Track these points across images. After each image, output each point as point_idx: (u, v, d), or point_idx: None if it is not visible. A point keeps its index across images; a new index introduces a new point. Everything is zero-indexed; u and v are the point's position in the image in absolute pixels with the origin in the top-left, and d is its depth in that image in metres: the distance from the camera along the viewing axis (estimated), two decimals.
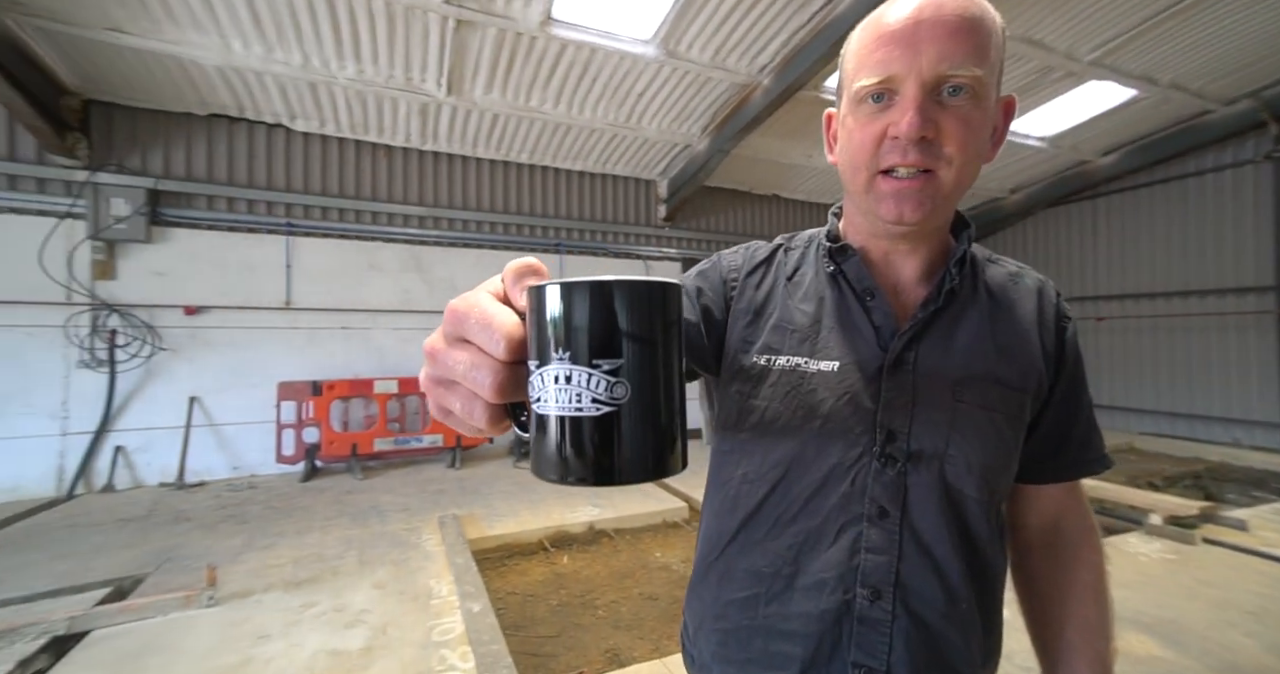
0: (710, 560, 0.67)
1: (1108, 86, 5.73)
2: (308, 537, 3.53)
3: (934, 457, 0.57)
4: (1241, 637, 2.38)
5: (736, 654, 0.62)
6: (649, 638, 2.61)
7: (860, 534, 0.58)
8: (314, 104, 5.10)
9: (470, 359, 0.29)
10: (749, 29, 4.44)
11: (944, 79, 0.51)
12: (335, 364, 5.48)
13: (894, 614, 0.56)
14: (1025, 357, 0.62)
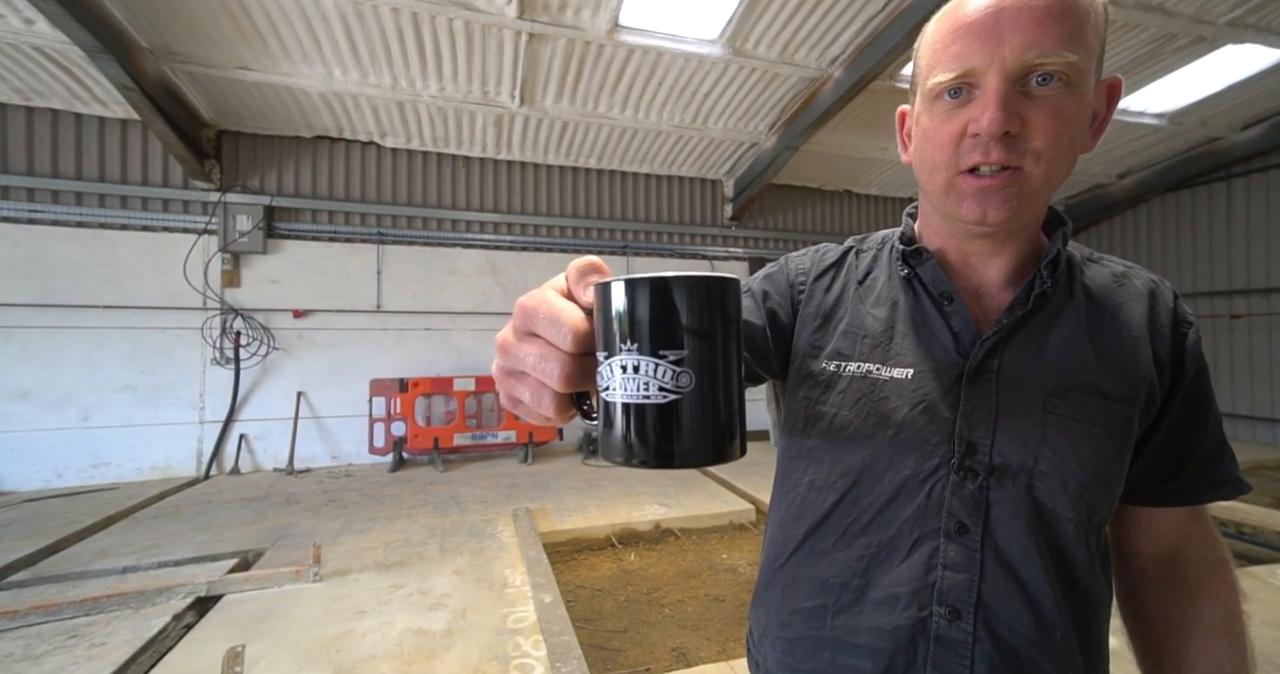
0: (776, 567, 0.66)
1: (1250, 50, 4.98)
2: (396, 523, 3.83)
3: (1021, 472, 0.54)
4: None
5: (803, 664, 0.61)
6: (715, 640, 2.60)
7: (937, 549, 0.55)
8: (401, 121, 5.51)
9: (539, 351, 0.32)
10: (819, 21, 4.29)
11: (1031, 68, 0.47)
12: (419, 363, 5.89)
13: (975, 636, 0.53)
14: (1132, 365, 0.56)
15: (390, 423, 5.61)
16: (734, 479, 4.90)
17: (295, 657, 2.19)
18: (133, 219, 5.11)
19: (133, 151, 5.15)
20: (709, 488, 4.75)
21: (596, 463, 5.57)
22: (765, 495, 4.37)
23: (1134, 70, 5.16)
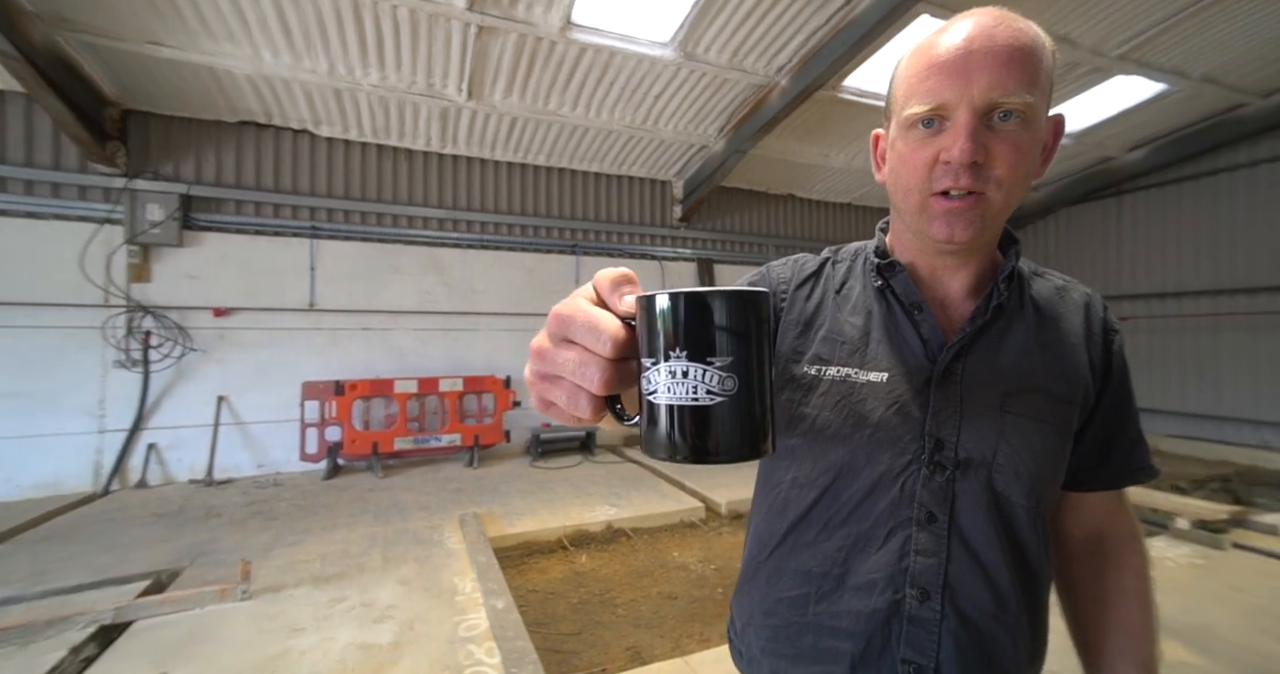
0: (760, 560, 0.69)
1: (1136, 81, 5.61)
2: (333, 533, 3.62)
3: (982, 465, 0.59)
4: (1275, 644, 2.34)
5: (786, 649, 0.64)
6: (669, 637, 2.64)
7: (909, 537, 0.60)
8: (338, 110, 5.21)
9: (578, 357, 0.33)
10: (767, 30, 4.44)
11: (995, 105, 0.52)
12: (356, 364, 5.59)
13: (942, 614, 0.58)
14: (1073, 369, 0.63)
15: (324, 428, 5.30)
16: (684, 478, 4.98)
17: None
18: (14, 205, 4.55)
19: (14, 128, 4.57)
20: (660, 487, 4.79)
21: (545, 465, 5.50)
22: (714, 494, 4.48)
23: None
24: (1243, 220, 6.76)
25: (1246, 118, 6.31)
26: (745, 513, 4.34)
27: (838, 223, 8.38)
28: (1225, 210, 6.91)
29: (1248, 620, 2.52)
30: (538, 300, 6.40)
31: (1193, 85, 5.72)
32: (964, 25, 0.54)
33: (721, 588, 3.16)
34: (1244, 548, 3.37)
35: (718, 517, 4.29)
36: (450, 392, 5.47)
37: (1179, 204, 7.30)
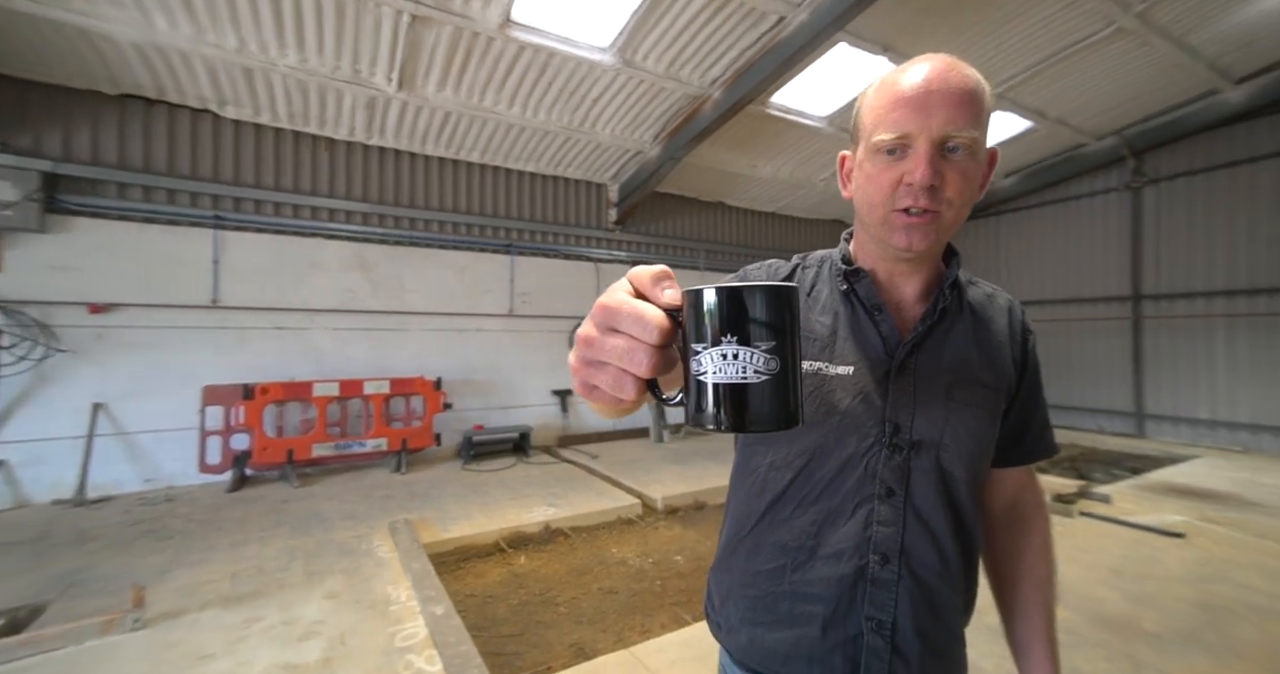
0: (739, 538, 0.76)
1: (1010, 117, 6.42)
2: (244, 549, 3.33)
3: (931, 445, 0.68)
4: (1108, 591, 2.79)
5: (764, 617, 0.72)
6: (612, 630, 2.68)
7: (872, 510, 0.68)
8: (248, 90, 4.79)
9: (625, 345, 0.36)
10: (703, 43, 4.63)
11: (948, 138, 0.61)
12: (268, 366, 5.16)
13: (900, 575, 0.67)
14: (1001, 363, 0.74)
15: (230, 435, 4.84)
16: (619, 476, 5.05)
17: None
18: None
19: None
20: (595, 486, 4.83)
21: (478, 467, 5.35)
22: (650, 490, 4.58)
23: None
24: (1086, 241, 7.94)
25: (1087, 155, 7.44)
26: (680, 508, 4.48)
27: (763, 231, 8.83)
28: (1073, 232, 8.07)
29: (1090, 574, 2.99)
30: (471, 300, 6.23)
31: (1050, 125, 6.65)
32: (923, 68, 0.63)
33: (660, 580, 3.25)
34: (1088, 515, 3.96)
35: (654, 512, 4.40)
36: (376, 394, 5.19)
37: (1041, 225, 8.43)
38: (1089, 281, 7.93)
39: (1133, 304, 7.46)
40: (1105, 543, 3.47)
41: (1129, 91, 6.18)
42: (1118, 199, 7.60)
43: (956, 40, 5.04)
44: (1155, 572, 3.06)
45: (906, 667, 0.66)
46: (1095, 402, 7.85)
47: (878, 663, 0.66)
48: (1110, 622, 2.51)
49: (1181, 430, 7.08)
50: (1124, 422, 7.58)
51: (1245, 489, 4.73)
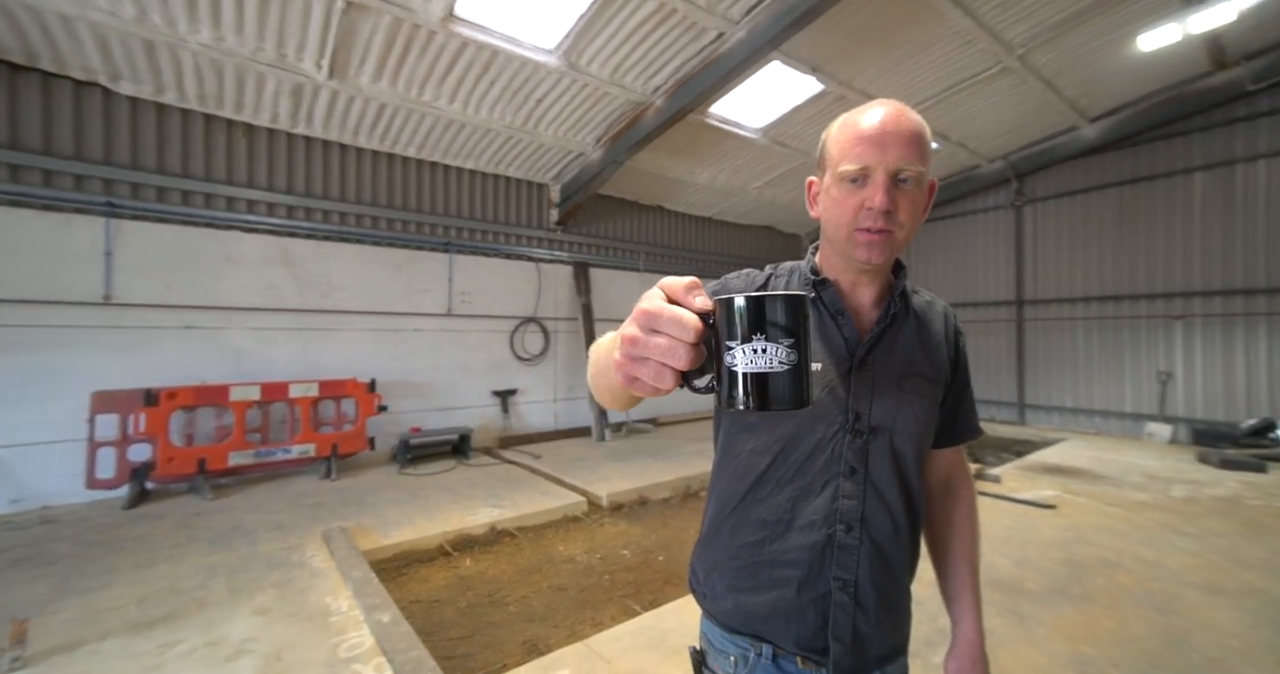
0: (724, 515, 0.87)
1: None
2: (151, 570, 3.06)
3: (886, 430, 0.80)
4: (998, 557, 3.21)
5: (747, 583, 0.83)
6: (564, 626, 2.74)
7: (838, 486, 0.80)
8: (149, 66, 4.37)
9: (667, 343, 0.44)
10: (646, 52, 4.77)
11: (900, 170, 0.73)
12: (175, 368, 4.72)
13: (861, 540, 0.79)
14: (939, 359, 0.87)
15: (127, 446, 4.39)
16: (563, 475, 5.08)
17: None
18: None
19: None
20: (539, 486, 4.83)
21: (415, 471, 5.18)
22: (595, 488, 4.66)
23: None
24: (979, 251, 8.93)
25: (981, 176, 8.38)
26: (625, 504, 4.60)
27: (699, 235, 9.14)
28: (969, 243, 9.05)
29: (985, 545, 3.39)
30: (407, 299, 6.00)
31: (952, 146, 7.42)
32: (879, 111, 0.75)
33: (608, 575, 3.34)
34: (983, 494, 4.50)
35: (599, 510, 4.48)
36: (303, 397, 4.89)
37: (943, 236, 9.37)
38: (981, 287, 8.92)
39: (1017, 308, 8.47)
40: (996, 517, 3.97)
41: (1012, 122, 7.03)
42: (1005, 215, 8.60)
43: (875, 67, 5.53)
44: (1034, 538, 3.54)
45: (866, 618, 0.80)
46: (987, 394, 8.83)
47: (843, 616, 0.79)
48: (1000, 584, 2.90)
49: (1053, 417, 8.12)
50: (1010, 411, 8.58)
51: (1098, 466, 5.54)
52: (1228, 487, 4.79)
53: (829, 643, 0.79)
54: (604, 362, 0.61)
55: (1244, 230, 6.53)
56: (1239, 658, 2.24)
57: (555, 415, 7.27)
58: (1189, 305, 6.94)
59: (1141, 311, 7.31)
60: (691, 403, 8.94)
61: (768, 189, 8.21)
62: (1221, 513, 4.07)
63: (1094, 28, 5.30)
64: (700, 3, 4.28)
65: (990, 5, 4.89)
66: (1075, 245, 7.87)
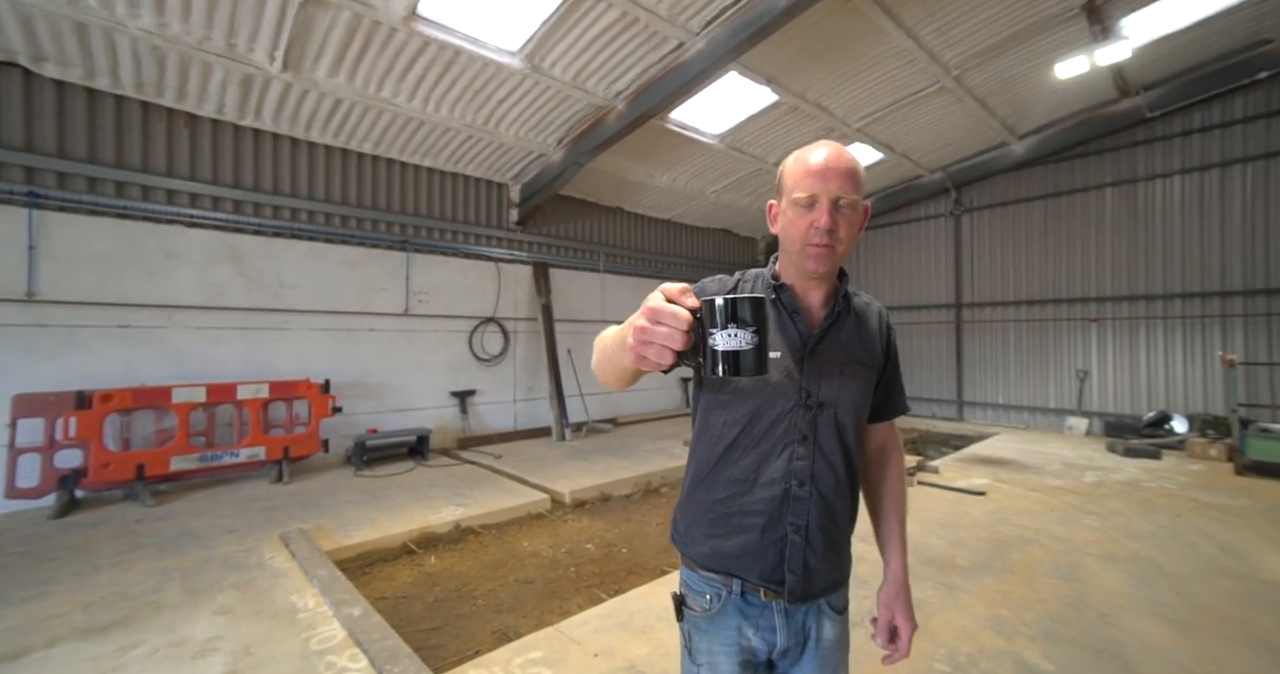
0: (701, 477, 1.05)
1: (865, 148, 7.54)
2: (95, 577, 2.92)
3: (831, 405, 0.99)
4: (934, 539, 3.52)
5: (720, 531, 1.00)
6: (532, 616, 2.81)
7: (794, 451, 0.97)
8: (80, 49, 4.12)
9: (667, 331, 0.62)
10: (609, 58, 4.89)
11: (840, 197, 0.92)
12: (109, 370, 4.46)
13: (810, 494, 0.97)
14: (874, 350, 1.06)
15: (54, 452, 4.12)
16: (525, 474, 5.12)
17: None
18: None
19: None
20: (502, 485, 4.86)
21: (373, 473, 5.08)
22: (558, 486, 4.73)
23: None
24: (921, 256, 9.53)
25: (923, 185, 8.96)
26: (587, 501, 4.70)
27: (658, 237, 9.32)
28: (913, 248, 9.65)
29: (923, 528, 3.73)
30: (362, 298, 5.87)
31: (896, 157, 7.91)
32: (823, 151, 0.94)
33: (574, 567, 3.44)
34: (924, 483, 4.87)
35: (562, 507, 4.55)
36: (252, 399, 4.72)
37: (891, 242, 9.95)
38: (924, 290, 9.52)
39: (956, 310, 9.10)
40: (934, 503, 4.31)
41: (951, 136, 7.58)
42: (945, 223, 9.22)
43: (826, 80, 5.85)
44: (965, 521, 3.89)
45: (814, 555, 0.97)
46: (929, 392, 9.43)
47: (796, 553, 0.96)
48: (935, 561, 3.18)
49: (988, 413, 8.77)
50: (949, 408, 9.20)
51: (1024, 456, 6.07)
52: (1129, 472, 5.36)
53: (785, 575, 0.96)
54: (611, 348, 0.83)
55: (1145, 242, 7.29)
56: (1123, 612, 2.58)
57: (515, 416, 7.26)
58: (1103, 309, 7.67)
59: (1064, 315, 8.01)
60: (648, 404, 9.11)
61: (725, 193, 8.48)
62: (1122, 495, 4.58)
63: (1018, 54, 5.82)
64: (662, 13, 4.44)
65: (929, 29, 5.29)
66: (1008, 252, 8.54)
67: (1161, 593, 2.79)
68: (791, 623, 0.99)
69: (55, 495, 4.05)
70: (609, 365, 0.87)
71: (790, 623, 0.99)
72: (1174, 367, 7.07)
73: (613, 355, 0.83)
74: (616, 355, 0.81)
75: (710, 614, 1.01)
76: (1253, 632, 2.43)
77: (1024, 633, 2.40)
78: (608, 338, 0.87)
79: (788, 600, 0.97)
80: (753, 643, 0.99)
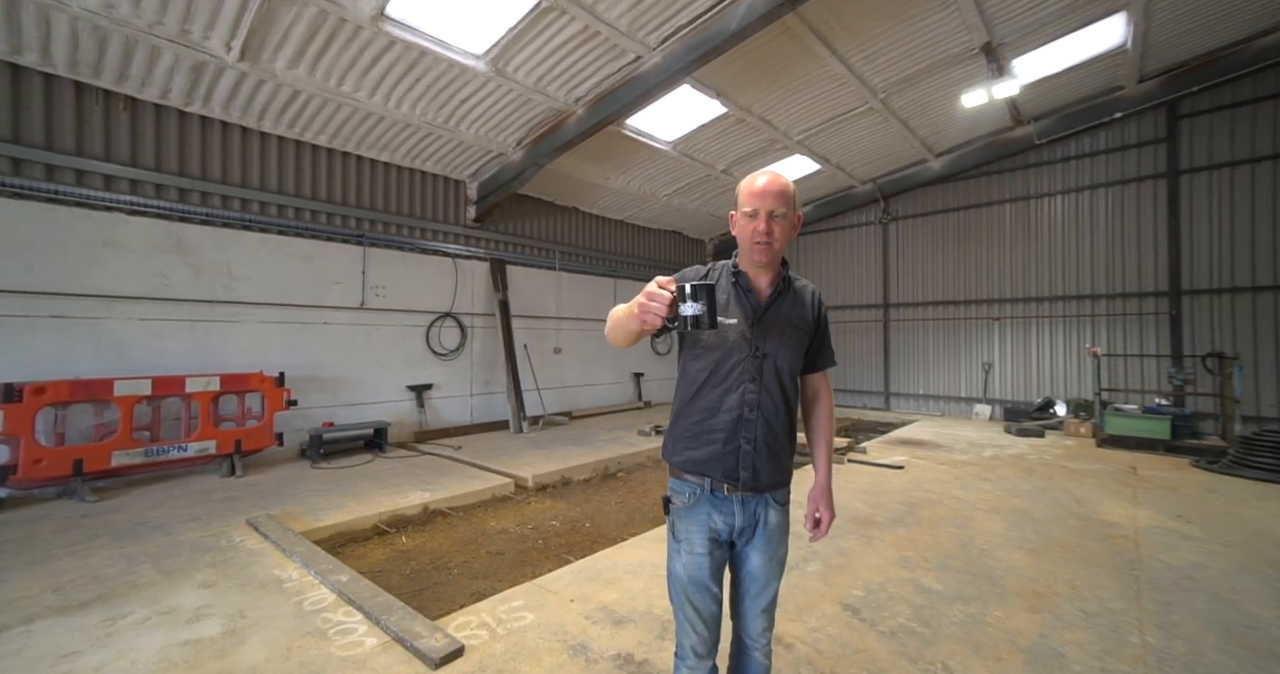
0: (681, 408, 1.44)
1: (805, 160, 8.20)
2: (52, 565, 2.89)
3: (773, 356, 1.37)
4: (859, 504, 4.05)
5: (694, 445, 1.39)
6: (506, 580, 3.05)
7: (745, 387, 1.36)
8: (6, 21, 3.92)
9: (657, 305, 1.11)
10: (571, 65, 5.16)
11: (774, 211, 1.31)
12: (40, 362, 4.26)
13: (757, 418, 1.35)
14: (807, 318, 1.44)
15: None
16: (487, 462, 5.30)
17: None
18: None
19: None
20: (465, 472, 5.01)
21: (331, 465, 5.08)
22: (521, 471, 4.94)
23: (757, 157, 7.82)
24: (855, 260, 10.40)
25: (856, 195, 9.80)
26: (549, 484, 4.95)
27: (611, 237, 9.64)
28: (846, 254, 10.51)
29: (850, 495, 4.26)
30: (316, 291, 5.82)
31: (832, 169, 8.64)
32: (764, 177, 1.34)
33: (541, 540, 3.69)
34: (853, 461, 5.47)
35: (526, 490, 4.78)
36: (201, 392, 4.62)
37: (827, 246, 10.76)
38: (856, 291, 10.38)
39: (884, 310, 9.99)
40: (861, 477, 4.88)
41: (878, 152, 8.37)
42: (875, 230, 10.11)
43: (770, 96, 6.38)
44: (885, 489, 4.46)
45: (760, 459, 1.34)
46: (861, 385, 10.29)
47: (747, 458, 1.34)
48: (858, 519, 3.69)
49: (910, 403, 9.70)
50: (878, 399, 10.08)
51: (938, 438, 6.86)
52: (1019, 448, 6.22)
53: (740, 474, 1.34)
54: (622, 318, 1.26)
55: (1036, 251, 8.37)
56: (997, 548, 3.17)
57: (471, 410, 7.36)
58: (1003, 309, 8.71)
59: (973, 314, 9.02)
60: (602, 398, 9.41)
61: (676, 196, 8.92)
62: (1011, 465, 5.36)
63: (933, 83, 6.59)
64: (622, 28, 4.77)
65: (858, 56, 5.92)
66: (928, 257, 9.49)
67: (1027, 533, 3.42)
68: (745, 509, 1.37)
69: None
70: (621, 330, 1.28)
71: (745, 509, 1.36)
72: (1058, 359, 8.17)
73: (623, 322, 1.25)
74: (625, 322, 1.23)
75: (689, 506, 1.38)
76: (1084, 553, 3.09)
77: (923, 566, 2.91)
78: (619, 312, 1.28)
79: (742, 491, 1.34)
80: (718, 525, 1.36)
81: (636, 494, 4.87)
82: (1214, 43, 6.33)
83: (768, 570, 1.39)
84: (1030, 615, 2.42)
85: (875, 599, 2.55)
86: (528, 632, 2.24)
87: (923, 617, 2.40)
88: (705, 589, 1.35)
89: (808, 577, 2.79)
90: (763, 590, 1.41)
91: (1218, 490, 4.47)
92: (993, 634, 2.27)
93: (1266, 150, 6.61)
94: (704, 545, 1.35)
